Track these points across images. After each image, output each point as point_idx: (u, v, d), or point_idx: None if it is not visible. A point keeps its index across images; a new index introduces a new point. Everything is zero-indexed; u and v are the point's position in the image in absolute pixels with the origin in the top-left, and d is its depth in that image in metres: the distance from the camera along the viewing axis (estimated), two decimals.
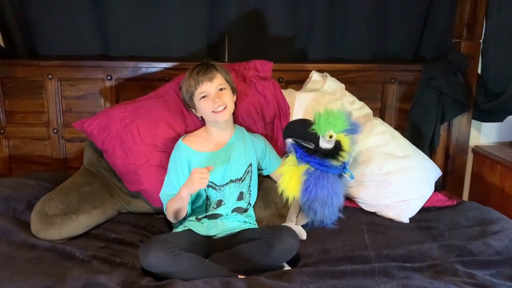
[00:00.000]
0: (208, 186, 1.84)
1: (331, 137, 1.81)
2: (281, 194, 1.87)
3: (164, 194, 1.84)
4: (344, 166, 1.86)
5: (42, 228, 1.77)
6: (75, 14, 2.38)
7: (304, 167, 1.85)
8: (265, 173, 2.02)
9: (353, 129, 1.88)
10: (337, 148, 1.83)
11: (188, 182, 1.68)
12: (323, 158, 1.82)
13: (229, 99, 1.84)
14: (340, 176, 1.88)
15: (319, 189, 1.81)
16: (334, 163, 1.82)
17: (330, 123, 1.81)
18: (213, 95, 1.80)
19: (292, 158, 1.89)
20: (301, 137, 1.86)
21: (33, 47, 2.45)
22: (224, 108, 1.81)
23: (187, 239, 1.73)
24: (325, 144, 1.83)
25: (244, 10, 2.43)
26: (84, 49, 2.44)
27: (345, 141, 1.85)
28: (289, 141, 1.90)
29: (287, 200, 1.88)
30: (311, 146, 1.84)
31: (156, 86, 2.17)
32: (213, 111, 1.80)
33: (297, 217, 1.94)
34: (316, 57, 2.50)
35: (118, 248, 1.77)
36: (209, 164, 1.80)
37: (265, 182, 2.03)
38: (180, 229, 1.84)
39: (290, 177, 1.86)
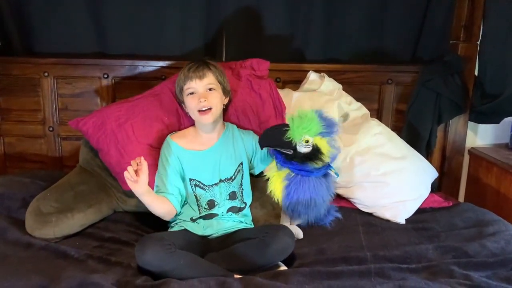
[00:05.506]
0: (196, 185, 1.83)
1: (307, 141, 1.74)
2: (270, 193, 1.82)
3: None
4: (328, 165, 1.81)
5: (37, 227, 1.77)
6: (71, 11, 2.37)
7: (286, 171, 1.80)
8: (256, 172, 1.98)
9: (329, 128, 1.79)
10: (316, 150, 1.76)
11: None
12: (303, 163, 1.76)
13: (216, 100, 1.80)
14: (325, 175, 1.83)
15: (300, 194, 1.77)
16: (315, 166, 1.77)
17: (304, 128, 1.73)
18: (201, 93, 1.78)
19: (275, 163, 1.84)
20: (277, 145, 1.78)
21: (29, 44, 2.44)
22: (209, 109, 1.78)
23: (183, 238, 1.73)
24: (303, 148, 1.75)
25: (242, 9, 2.42)
26: (81, 47, 2.43)
27: (323, 144, 1.77)
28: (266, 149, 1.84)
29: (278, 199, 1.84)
30: (290, 152, 1.76)
31: (153, 84, 2.16)
32: (198, 111, 1.78)
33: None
34: (313, 57, 2.49)
35: (113, 247, 1.76)
36: (196, 163, 1.80)
37: (261, 182, 2.02)
38: (176, 228, 1.83)
39: (276, 180, 1.82)
